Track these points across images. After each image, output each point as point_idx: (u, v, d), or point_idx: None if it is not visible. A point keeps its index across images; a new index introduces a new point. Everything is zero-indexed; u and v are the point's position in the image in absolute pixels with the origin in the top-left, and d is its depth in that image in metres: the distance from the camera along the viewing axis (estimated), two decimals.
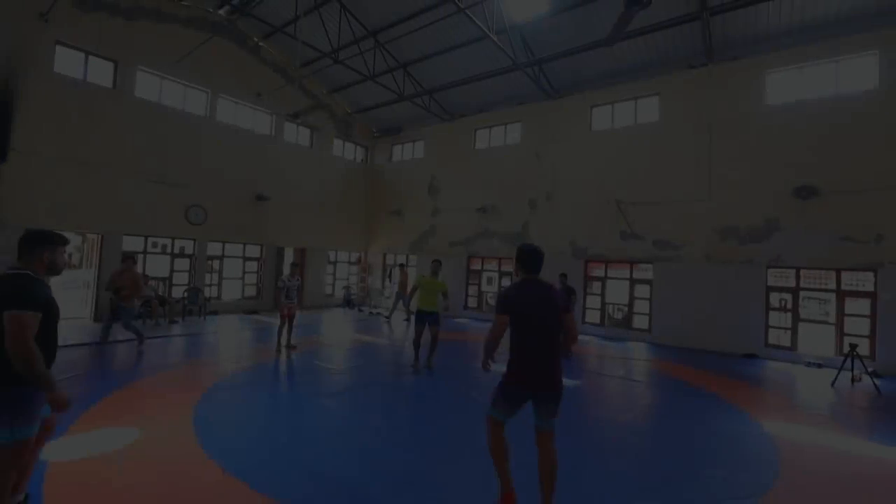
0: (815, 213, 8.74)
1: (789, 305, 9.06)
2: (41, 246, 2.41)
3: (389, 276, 16.52)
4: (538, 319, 2.87)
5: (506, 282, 13.49)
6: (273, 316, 12.67)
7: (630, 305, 11.11)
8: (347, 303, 15.74)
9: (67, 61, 10.05)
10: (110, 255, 10.42)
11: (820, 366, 8.37)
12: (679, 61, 10.53)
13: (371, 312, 14.24)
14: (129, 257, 7.74)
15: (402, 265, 13.57)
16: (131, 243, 11.17)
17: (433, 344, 7.02)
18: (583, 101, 12.04)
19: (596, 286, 11.70)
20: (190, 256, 12.23)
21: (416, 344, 7.00)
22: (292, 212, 14.41)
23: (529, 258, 3.02)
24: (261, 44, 13.50)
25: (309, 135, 15.26)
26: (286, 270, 14.12)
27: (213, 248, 12.76)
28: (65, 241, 2.53)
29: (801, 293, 9.04)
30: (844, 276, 8.60)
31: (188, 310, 11.45)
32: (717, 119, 9.91)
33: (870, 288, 8.37)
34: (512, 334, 2.93)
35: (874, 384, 6.85)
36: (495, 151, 13.87)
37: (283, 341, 8.03)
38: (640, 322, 10.95)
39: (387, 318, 12.85)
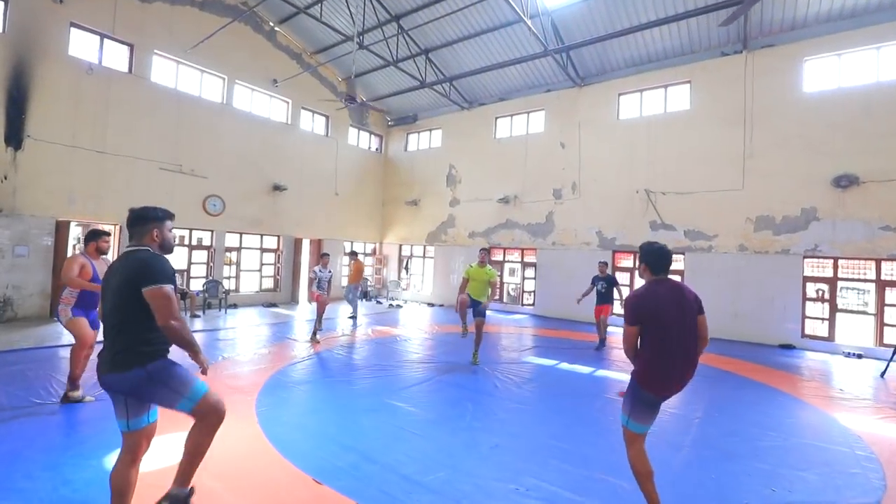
0: (854, 202, 8.66)
1: (827, 296, 9.01)
2: (150, 223, 2.36)
3: (406, 268, 16.31)
4: (673, 322, 2.69)
5: (529, 272, 13.34)
6: (292, 308, 12.47)
7: None
8: (364, 295, 15.50)
9: (82, 44, 9.60)
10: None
11: (860, 356, 8.35)
12: (711, 49, 10.34)
13: (391, 305, 14.04)
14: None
15: (353, 253, 11.13)
16: None
17: (478, 337, 6.82)
18: (610, 88, 11.82)
19: (624, 277, 11.57)
20: (208, 248, 11.91)
21: (461, 312, 6.72)
22: (308, 202, 14.10)
23: (657, 258, 2.85)
24: (276, 29, 13.06)
25: (325, 123, 14.88)
26: (298, 260, 13.87)
27: (231, 240, 12.43)
28: (171, 216, 2.49)
29: (839, 283, 8.99)
30: (884, 265, 8.56)
31: (208, 303, 11.16)
32: (752, 107, 9.75)
33: None
34: (645, 338, 2.76)
35: None
36: (517, 140, 13.62)
37: (318, 335, 7.94)
38: None
39: (351, 316, 10.75)
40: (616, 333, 9.87)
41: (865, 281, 8.81)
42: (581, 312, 11.64)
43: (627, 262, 11.63)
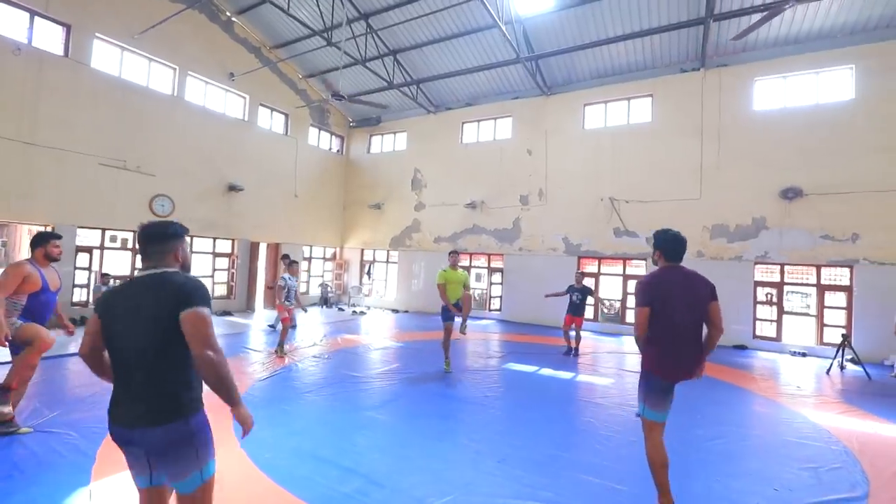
0: (799, 212, 9.40)
1: (775, 299, 9.71)
2: (173, 241, 1.95)
3: (369, 273, 15.85)
4: (682, 307, 2.78)
5: (496, 278, 13.38)
6: (247, 317, 11.74)
7: (623, 301, 11.41)
8: (324, 301, 14.88)
9: (7, 21, 8.50)
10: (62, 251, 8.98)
11: (804, 355, 9.03)
12: (671, 65, 10.90)
13: (354, 311, 13.56)
14: None
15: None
16: (86, 237, 9.75)
17: (466, 306, 6.44)
18: (576, 98, 12.14)
19: (588, 282, 11.86)
20: None
21: (446, 344, 6.67)
22: (266, 204, 13.34)
23: (671, 245, 2.90)
24: (234, 19, 12.30)
25: (284, 121, 14.18)
26: (255, 265, 13.09)
27: None
28: (188, 232, 2.11)
29: (786, 287, 9.73)
30: (824, 271, 9.35)
31: None
32: (709, 122, 10.36)
33: (846, 282, 9.15)
34: (653, 324, 2.81)
35: (865, 371, 7.47)
36: (484, 146, 13.67)
37: (286, 347, 7.47)
38: (632, 317, 11.27)
39: (272, 325, 9.92)
40: (596, 339, 10.05)
41: (808, 285, 9.59)
42: (548, 317, 11.85)
43: (592, 267, 11.95)
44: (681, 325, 2.79)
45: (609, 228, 11.45)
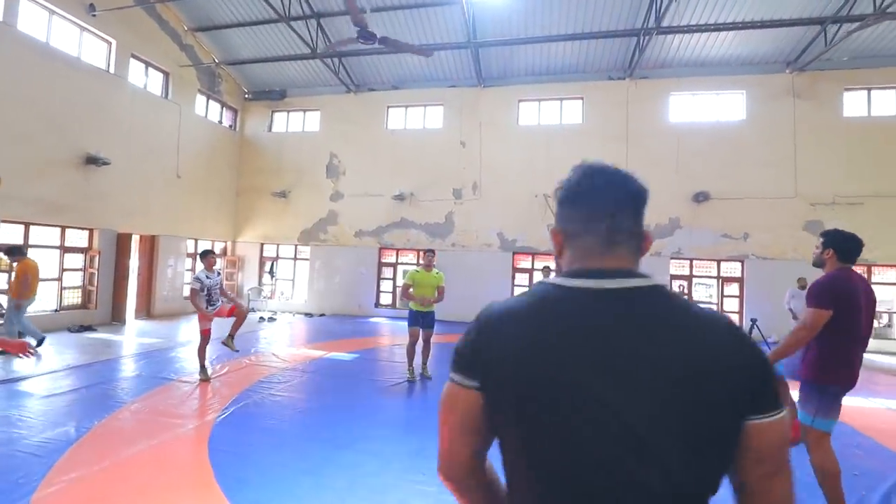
0: (706, 214, 10.78)
1: (686, 290, 10.99)
2: (643, 211, 0.90)
3: (271, 272, 13.60)
4: (862, 312, 2.68)
5: None
6: (117, 331, 9.00)
7: None
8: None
9: None
10: None
11: None
12: (600, 72, 11.53)
13: (262, 318, 11.41)
14: None
15: (14, 249, 6.97)
16: None
17: (426, 349, 6.09)
18: (511, 93, 12.07)
19: (522, 278, 11.96)
20: None
21: (410, 351, 5.99)
22: (139, 184, 10.38)
23: (849, 245, 2.76)
24: None
25: (163, 81, 11.18)
26: (124, 263, 10.21)
27: (10, 233, 8.15)
28: None
29: (694, 280, 11.09)
30: (723, 265, 10.90)
31: None
32: (633, 128, 11.23)
33: (738, 275, 10.81)
34: (832, 330, 2.63)
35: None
36: (414, 134, 12.77)
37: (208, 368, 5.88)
38: None
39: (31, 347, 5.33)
40: None
41: (711, 277, 11.09)
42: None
43: (527, 263, 12.07)
44: (858, 328, 2.68)
45: (544, 225, 11.65)
